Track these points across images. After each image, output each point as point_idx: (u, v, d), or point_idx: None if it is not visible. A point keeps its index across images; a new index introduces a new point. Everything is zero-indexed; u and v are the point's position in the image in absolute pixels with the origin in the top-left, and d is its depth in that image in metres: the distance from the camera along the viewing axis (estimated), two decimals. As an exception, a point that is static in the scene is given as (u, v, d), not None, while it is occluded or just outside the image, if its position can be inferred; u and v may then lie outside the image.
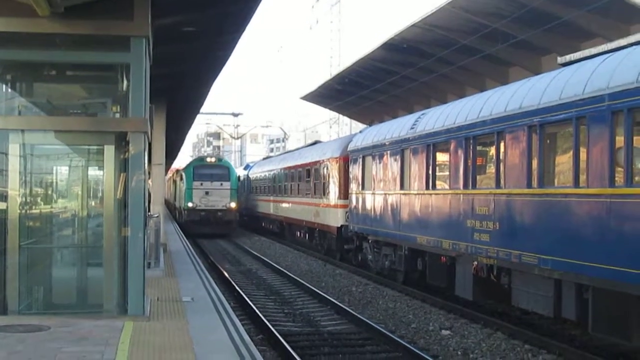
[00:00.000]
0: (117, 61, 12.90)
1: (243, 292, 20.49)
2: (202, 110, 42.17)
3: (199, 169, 44.23)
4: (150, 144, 17.67)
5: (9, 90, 13.39)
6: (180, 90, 24.96)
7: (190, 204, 43.03)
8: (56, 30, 11.85)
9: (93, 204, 14.26)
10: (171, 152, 52.30)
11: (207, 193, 43.12)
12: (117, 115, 13.38)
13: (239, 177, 46.61)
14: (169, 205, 67.33)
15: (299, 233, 36.60)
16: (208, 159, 46.66)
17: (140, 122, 12.17)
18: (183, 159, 55.52)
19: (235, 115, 75.51)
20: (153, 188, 30.14)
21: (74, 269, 13.93)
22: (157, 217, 22.26)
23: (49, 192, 14.76)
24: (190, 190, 43.34)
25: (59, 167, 15.14)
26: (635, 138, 11.40)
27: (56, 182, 15.02)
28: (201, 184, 43.26)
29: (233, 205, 43.39)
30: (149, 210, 22.17)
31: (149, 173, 26.49)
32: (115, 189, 12.45)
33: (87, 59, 13.08)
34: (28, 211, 13.02)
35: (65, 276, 13.91)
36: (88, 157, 14.51)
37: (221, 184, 43.31)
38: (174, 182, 60.43)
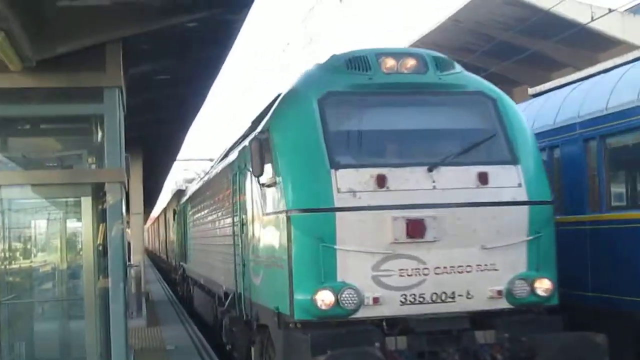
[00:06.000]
0: (90, 112, 12.83)
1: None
2: (179, 157, 40.97)
3: (366, 98, 10.02)
4: (127, 193, 17.63)
5: (-17, 146, 13.33)
6: (156, 138, 24.94)
7: (320, 300, 8.50)
8: (29, 84, 11.79)
9: (73, 256, 14.17)
10: (150, 200, 52.05)
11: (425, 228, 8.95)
12: (93, 166, 13.34)
13: None
14: (163, 268, 47.94)
15: None
16: (389, 64, 10.22)
17: (117, 173, 12.12)
18: (162, 206, 53.89)
19: (212, 161, 75.29)
20: (132, 237, 29.98)
21: (56, 323, 13.80)
22: (138, 266, 22.16)
23: (28, 246, 14.67)
24: (322, 227, 8.90)
25: (37, 221, 15.06)
26: (608, 164, 11.51)
27: (35, 236, 14.93)
28: (379, 180, 9.02)
29: (548, 284, 9.21)
30: (129, 260, 22.04)
31: (128, 222, 26.38)
32: (94, 240, 12.36)
33: (61, 111, 13.01)
34: (7, 267, 12.93)
35: (47, 330, 13.78)
36: (66, 209, 14.45)
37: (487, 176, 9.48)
38: (178, 212, 28.94)
